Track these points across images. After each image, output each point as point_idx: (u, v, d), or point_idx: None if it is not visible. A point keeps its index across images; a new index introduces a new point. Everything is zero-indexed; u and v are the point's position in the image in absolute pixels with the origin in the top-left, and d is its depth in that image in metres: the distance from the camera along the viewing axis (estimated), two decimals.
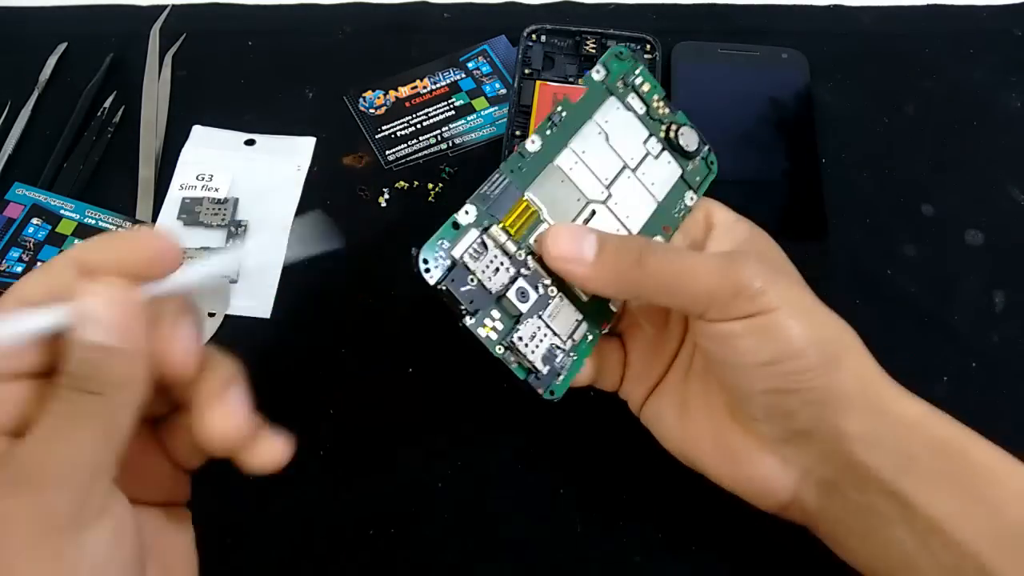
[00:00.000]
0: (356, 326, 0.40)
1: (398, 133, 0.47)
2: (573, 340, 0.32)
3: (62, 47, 0.49)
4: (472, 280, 0.30)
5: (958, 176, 0.45)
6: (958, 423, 0.29)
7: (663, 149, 0.35)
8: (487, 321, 0.31)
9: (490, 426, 0.38)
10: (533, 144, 0.32)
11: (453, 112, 0.47)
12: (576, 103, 0.33)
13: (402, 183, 0.45)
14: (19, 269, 0.41)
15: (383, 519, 0.36)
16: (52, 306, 0.23)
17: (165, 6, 0.51)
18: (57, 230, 0.42)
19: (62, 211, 0.43)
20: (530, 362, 0.31)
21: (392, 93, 0.48)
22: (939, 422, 0.29)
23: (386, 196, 0.44)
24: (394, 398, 0.38)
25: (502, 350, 0.31)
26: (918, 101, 0.48)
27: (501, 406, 0.38)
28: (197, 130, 0.46)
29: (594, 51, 0.48)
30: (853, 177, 0.45)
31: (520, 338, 0.31)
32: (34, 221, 0.42)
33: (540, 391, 0.32)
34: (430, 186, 0.45)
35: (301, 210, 0.44)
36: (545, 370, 0.31)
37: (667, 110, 0.35)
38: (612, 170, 0.34)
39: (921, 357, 0.40)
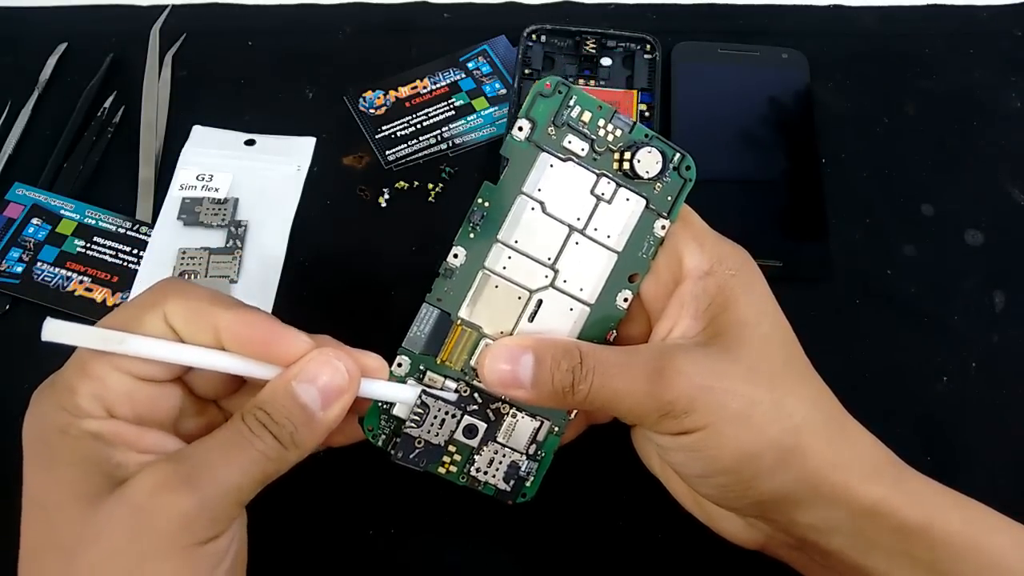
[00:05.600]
0: (355, 327, 0.40)
1: (398, 133, 0.47)
2: (537, 443, 0.32)
3: (62, 47, 0.49)
4: (419, 443, 0.30)
5: (958, 176, 0.46)
6: (927, 491, 0.28)
7: (618, 187, 0.30)
8: (444, 459, 0.31)
9: None
10: (456, 258, 0.30)
11: (453, 112, 0.47)
12: (499, 182, 0.30)
13: (402, 183, 0.45)
14: (19, 269, 0.41)
15: (383, 519, 0.36)
16: (269, 366, 0.27)
17: (165, 6, 0.51)
18: (57, 230, 0.42)
19: (62, 211, 0.43)
20: (492, 486, 0.31)
21: (392, 93, 0.48)
22: (900, 503, 0.28)
23: (386, 196, 0.44)
24: None
25: (465, 479, 0.31)
26: (918, 101, 0.48)
27: None
28: (197, 130, 0.46)
29: (594, 51, 0.48)
30: (853, 177, 0.45)
31: (478, 469, 0.31)
32: (34, 221, 0.42)
33: (510, 501, 0.32)
34: (430, 186, 0.45)
35: (301, 210, 0.44)
36: (511, 485, 0.32)
37: (618, 132, 0.30)
38: (556, 243, 0.30)
39: (921, 357, 0.40)
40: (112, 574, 0.24)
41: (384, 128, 0.47)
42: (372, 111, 0.47)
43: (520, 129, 0.29)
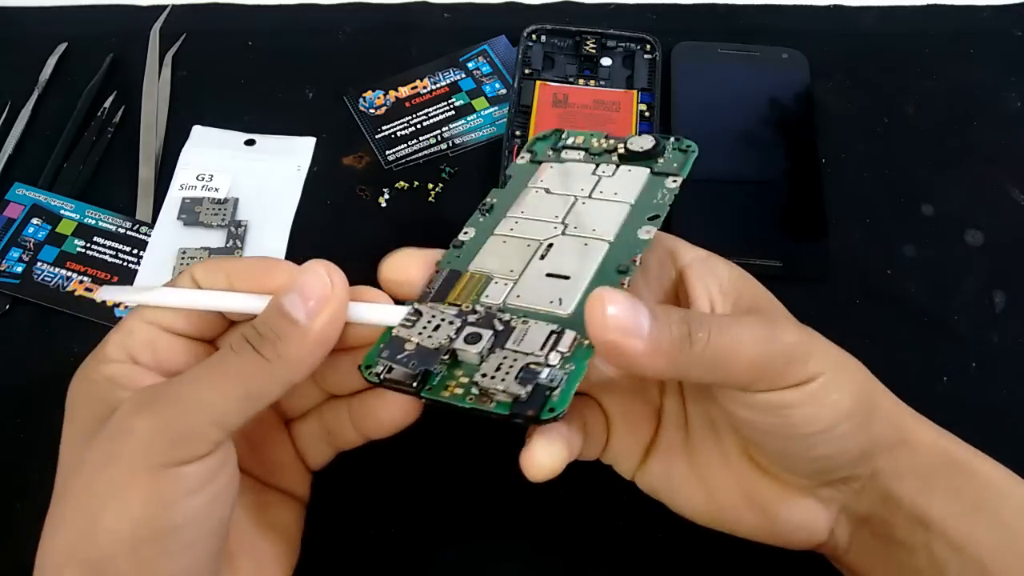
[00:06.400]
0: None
1: (398, 133, 0.47)
2: (560, 352, 0.25)
3: (62, 47, 0.49)
4: (410, 346, 0.26)
5: (958, 176, 0.45)
6: (961, 441, 0.30)
7: (618, 167, 0.31)
8: (449, 382, 0.25)
9: (491, 424, 0.38)
10: (467, 235, 0.31)
11: (453, 112, 0.47)
12: (504, 187, 0.32)
13: (402, 183, 0.45)
14: (19, 269, 0.41)
15: (383, 519, 0.36)
16: (257, 296, 0.27)
17: (165, 6, 0.51)
18: (57, 230, 0.42)
19: (62, 211, 0.43)
20: (503, 390, 0.24)
21: (392, 93, 0.48)
22: (948, 442, 0.29)
23: (386, 196, 0.44)
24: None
25: (472, 400, 0.25)
26: (918, 101, 0.48)
27: None
28: (197, 130, 0.46)
29: (594, 51, 0.48)
30: (853, 177, 0.45)
31: (484, 375, 0.25)
32: (34, 221, 0.42)
33: (532, 412, 0.24)
34: (430, 186, 0.45)
35: (301, 210, 0.44)
36: (526, 390, 0.24)
37: (611, 141, 0.32)
38: (562, 209, 0.30)
39: (921, 357, 0.40)
40: (89, 496, 0.23)
41: (384, 128, 0.47)
42: (372, 111, 0.47)
43: (522, 158, 0.33)
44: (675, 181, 0.30)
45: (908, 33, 0.51)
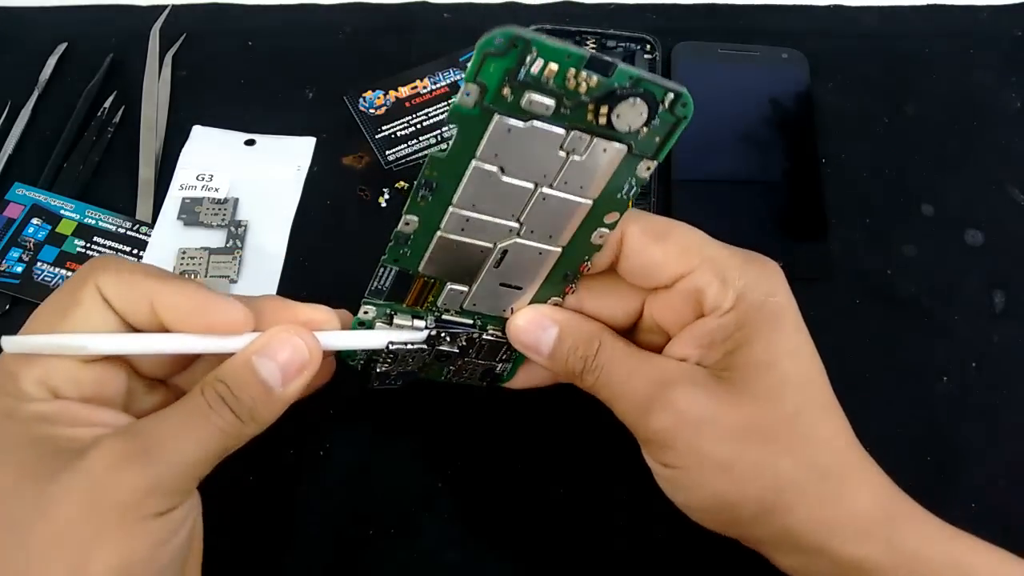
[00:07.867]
0: None
1: (398, 133, 0.47)
2: (510, 353, 0.33)
3: (62, 47, 0.49)
4: (394, 373, 0.32)
5: (958, 176, 0.46)
6: (921, 548, 0.27)
7: (592, 140, 0.25)
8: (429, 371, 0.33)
9: (491, 425, 0.38)
10: (408, 226, 0.27)
11: None
12: (447, 153, 0.25)
13: (402, 183, 0.45)
14: (19, 269, 0.41)
15: (383, 519, 0.36)
16: (240, 336, 0.27)
17: (165, 6, 0.51)
18: (57, 230, 0.42)
19: (62, 211, 0.43)
20: (469, 381, 0.34)
21: (392, 93, 0.48)
22: (886, 564, 0.27)
23: (386, 196, 0.44)
24: (394, 397, 0.38)
25: (446, 380, 0.34)
26: (918, 101, 0.48)
27: (501, 406, 0.38)
28: (197, 130, 0.46)
29: (594, 51, 0.48)
30: (853, 177, 0.45)
31: (453, 377, 0.34)
32: (34, 221, 0.42)
33: (485, 383, 0.35)
34: None
35: (301, 210, 0.44)
36: (485, 383, 0.35)
37: (593, 80, 0.23)
38: (520, 201, 0.26)
39: (921, 357, 0.40)
40: (67, 546, 0.23)
41: (384, 128, 0.47)
42: (372, 111, 0.47)
43: (467, 95, 0.23)
44: (649, 168, 0.26)
45: (908, 33, 0.51)
